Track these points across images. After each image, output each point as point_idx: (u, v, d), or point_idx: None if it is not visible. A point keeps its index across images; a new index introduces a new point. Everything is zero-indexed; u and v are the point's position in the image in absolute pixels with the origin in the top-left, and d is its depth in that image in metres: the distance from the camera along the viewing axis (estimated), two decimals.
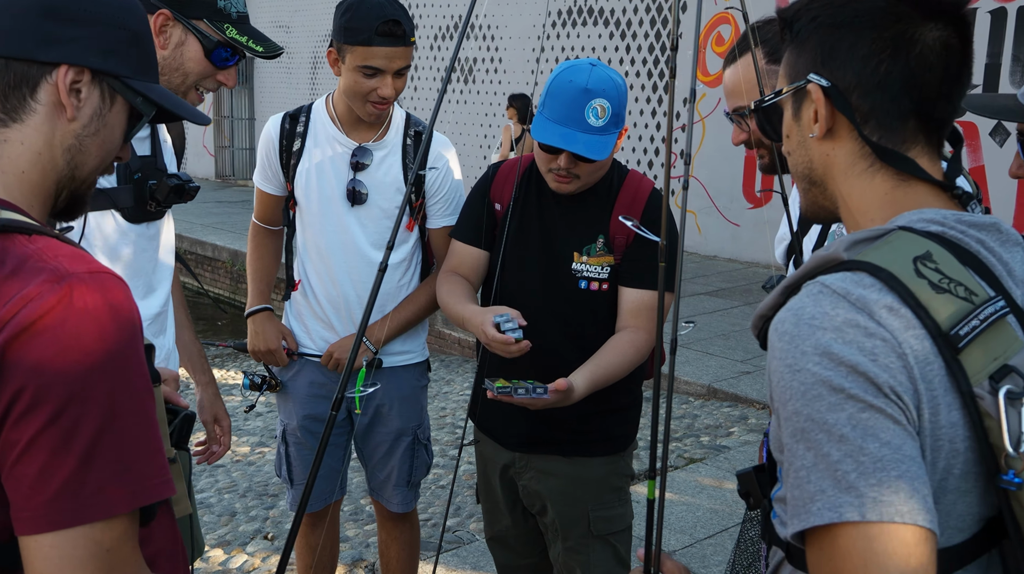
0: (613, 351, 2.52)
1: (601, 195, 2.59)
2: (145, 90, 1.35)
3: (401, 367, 2.98)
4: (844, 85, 1.20)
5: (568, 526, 2.68)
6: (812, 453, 1.04)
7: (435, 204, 2.87)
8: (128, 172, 2.24)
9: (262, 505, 5.10)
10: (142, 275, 2.32)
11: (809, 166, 1.28)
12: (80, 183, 1.33)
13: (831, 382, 1.04)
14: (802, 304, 1.11)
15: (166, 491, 1.22)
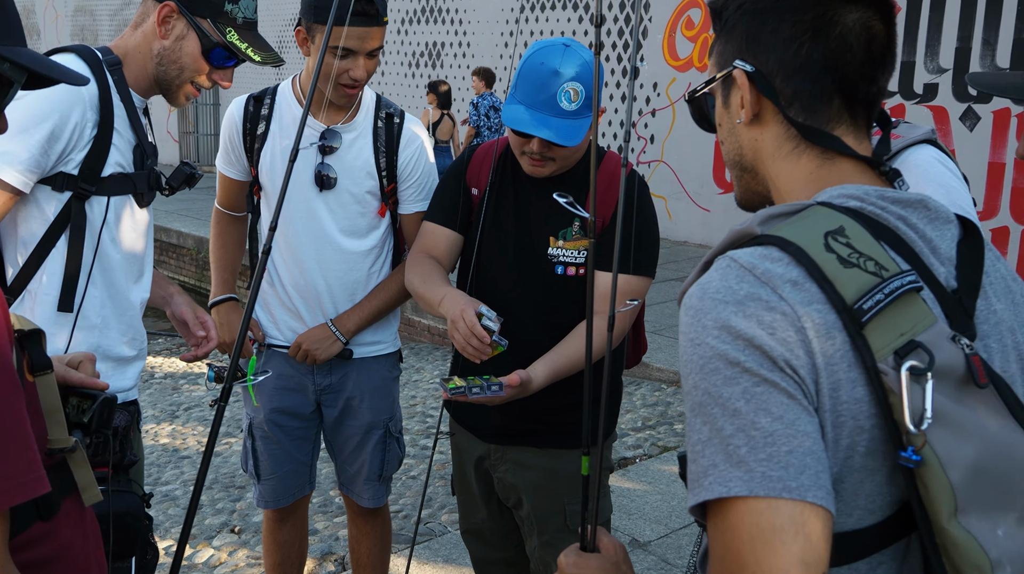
0: (576, 338, 2.44)
1: (577, 177, 2.50)
2: (11, 55, 1.27)
3: (372, 358, 2.89)
4: (768, 69, 1.20)
5: (544, 520, 2.61)
6: (708, 427, 1.02)
7: (407, 188, 2.78)
8: (144, 159, 2.26)
9: (228, 497, 4.99)
10: (139, 260, 2.36)
11: (739, 152, 1.27)
12: None
13: (727, 355, 1.03)
14: (710, 279, 1.10)
15: (35, 489, 1.15)
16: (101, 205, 2.21)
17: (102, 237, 2.22)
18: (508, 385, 2.26)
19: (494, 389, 2.26)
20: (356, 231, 2.76)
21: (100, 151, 2.17)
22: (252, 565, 4.11)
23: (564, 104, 2.29)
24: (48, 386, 1.38)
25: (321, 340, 2.77)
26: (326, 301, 2.80)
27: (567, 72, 2.29)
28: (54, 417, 1.39)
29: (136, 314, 2.38)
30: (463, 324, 2.27)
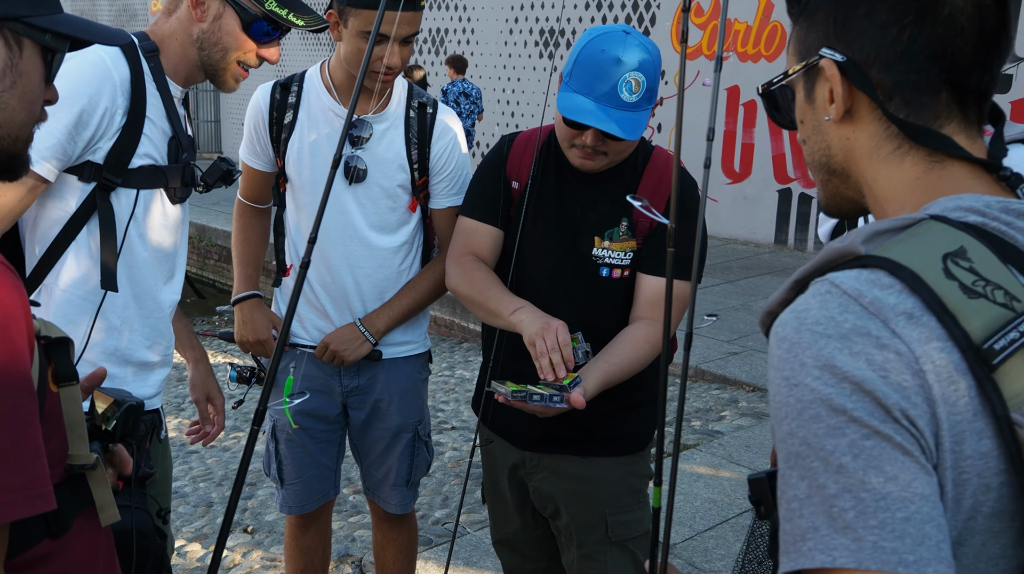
0: (627, 346, 2.32)
1: (625, 174, 2.37)
2: (51, 24, 1.21)
3: (402, 359, 2.77)
4: (861, 58, 1.06)
5: (584, 531, 2.49)
6: (806, 483, 0.90)
7: (440, 182, 2.65)
8: (178, 151, 2.14)
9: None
10: (169, 259, 2.23)
11: (827, 153, 1.13)
12: (10, 140, 1.21)
13: (832, 401, 0.89)
14: (807, 306, 0.95)
15: (38, 506, 1.07)
16: (129, 198, 2.08)
17: (129, 232, 2.08)
18: (571, 402, 2.14)
19: (555, 400, 2.13)
20: (386, 226, 2.63)
21: (129, 140, 2.04)
22: (268, 567, 3.99)
23: (625, 95, 2.16)
24: (72, 398, 1.29)
25: (350, 341, 2.65)
26: (354, 299, 2.67)
27: (630, 61, 2.16)
28: (76, 431, 1.30)
29: (164, 317, 2.25)
30: (553, 338, 2.15)
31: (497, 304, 2.33)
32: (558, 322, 2.20)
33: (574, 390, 2.15)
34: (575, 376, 2.18)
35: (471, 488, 4.83)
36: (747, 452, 5.09)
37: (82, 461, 1.29)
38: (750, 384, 6.21)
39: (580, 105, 2.17)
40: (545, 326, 2.18)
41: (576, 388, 2.16)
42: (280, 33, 2.16)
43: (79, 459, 1.29)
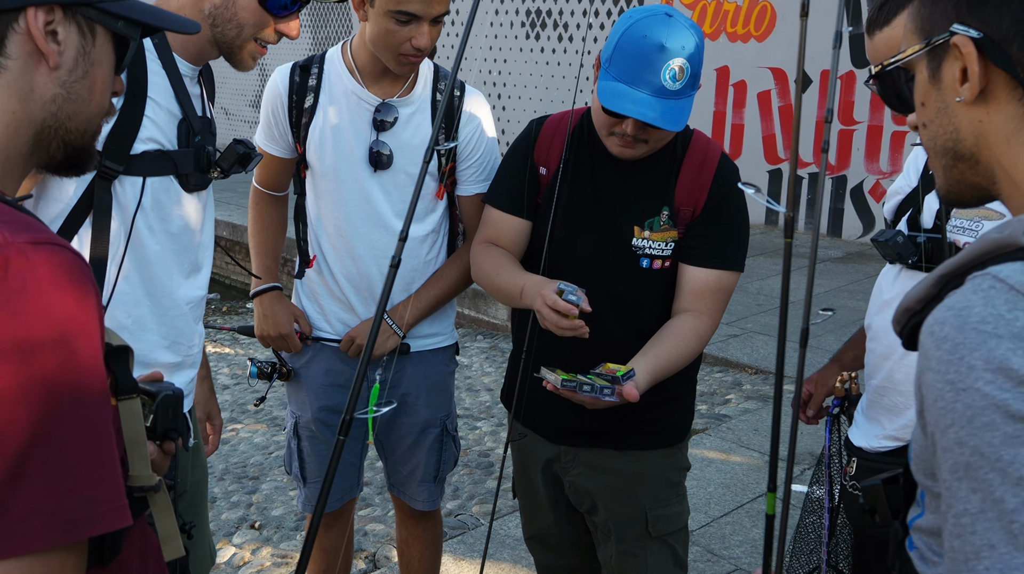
0: (675, 340, 2.24)
1: (665, 160, 2.29)
2: (123, 10, 1.15)
3: (429, 351, 2.68)
4: (999, 35, 0.99)
5: (623, 527, 2.41)
6: (979, 496, 0.83)
7: (467, 168, 2.55)
8: (190, 134, 1.97)
9: (243, 489, 4.77)
10: (190, 251, 2.07)
11: (955, 137, 1.05)
12: (78, 134, 1.16)
13: (1008, 407, 0.83)
14: (968, 302, 0.88)
15: (116, 521, 1.00)
16: (135, 187, 1.91)
17: (136, 224, 1.92)
18: (623, 395, 2.05)
19: (606, 393, 2.04)
20: (414, 215, 2.53)
21: (129, 123, 1.88)
22: (279, 564, 3.90)
23: (668, 83, 2.07)
24: (133, 413, 1.19)
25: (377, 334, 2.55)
26: (380, 291, 2.57)
27: (673, 47, 2.06)
28: (137, 450, 1.20)
29: (183, 314, 2.08)
30: (541, 304, 2.07)
31: (508, 284, 2.25)
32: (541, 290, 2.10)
33: (627, 383, 2.07)
34: (629, 368, 2.10)
35: (480, 478, 4.77)
36: (756, 435, 5.03)
37: (143, 482, 1.19)
38: (752, 366, 6.16)
39: (621, 93, 2.08)
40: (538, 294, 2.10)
41: (629, 381, 2.08)
42: (299, 5, 2.00)
43: (140, 480, 1.19)
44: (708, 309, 2.28)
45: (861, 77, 9.20)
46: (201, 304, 2.14)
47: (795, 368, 6.00)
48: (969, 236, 1.91)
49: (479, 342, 7.42)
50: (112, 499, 0.99)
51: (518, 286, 2.20)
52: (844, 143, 9.49)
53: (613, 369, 2.09)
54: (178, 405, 1.34)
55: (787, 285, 1.53)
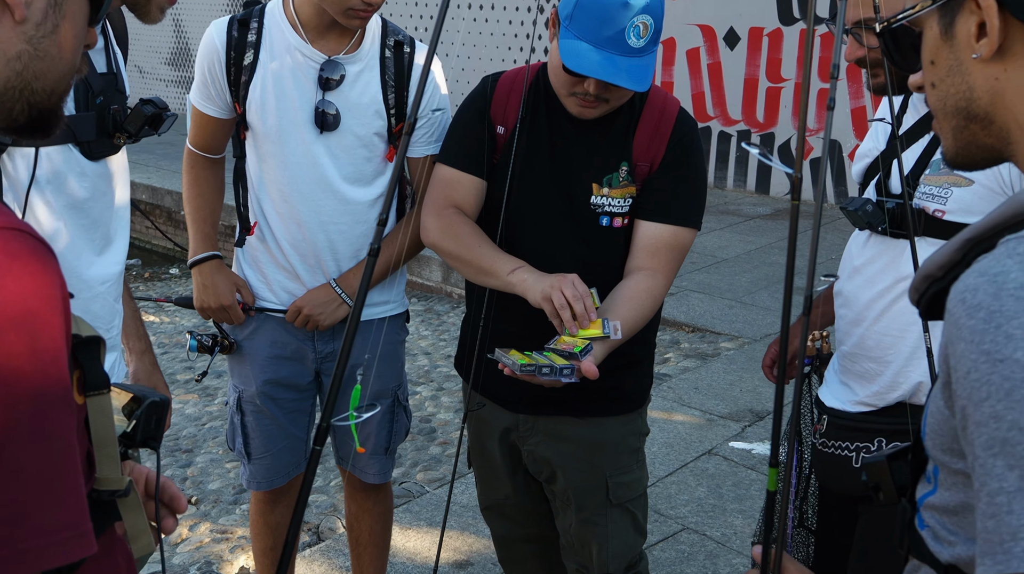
0: (630, 303, 2.17)
1: (623, 114, 2.21)
2: None
3: (379, 320, 2.57)
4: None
5: (583, 495, 2.37)
6: (1017, 473, 0.78)
7: (418, 129, 2.44)
8: (88, 95, 1.77)
9: (176, 463, 4.62)
10: (100, 225, 1.88)
11: (968, 96, 0.99)
12: (45, 95, 1.04)
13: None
14: (1003, 267, 0.84)
15: (78, 550, 0.90)
16: (26, 159, 1.72)
17: (31, 201, 1.72)
18: (583, 373, 1.99)
19: (566, 374, 1.97)
20: (361, 178, 2.42)
21: None
22: (218, 540, 3.78)
23: (632, 40, 1.99)
24: (102, 411, 1.09)
25: (325, 303, 2.44)
26: (327, 259, 2.46)
27: (636, 3, 1.97)
28: (106, 450, 1.09)
29: (98, 295, 1.90)
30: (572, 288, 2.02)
31: (492, 263, 2.16)
32: (572, 275, 2.05)
33: (585, 358, 2.00)
34: (586, 342, 2.03)
35: (422, 444, 4.69)
36: (696, 394, 5.05)
37: (112, 486, 1.09)
38: (689, 325, 6.18)
39: (584, 53, 1.99)
40: (560, 278, 2.04)
41: (587, 356, 2.01)
42: None
43: (109, 483, 1.09)
44: (662, 267, 2.22)
45: (788, 34, 9.24)
46: (118, 281, 1.95)
47: (735, 326, 5.99)
48: (938, 203, 1.87)
49: (414, 305, 7.32)
50: (73, 525, 0.89)
51: (507, 268, 2.13)
52: (772, 101, 9.54)
53: (569, 343, 2.01)
54: (163, 414, 1.25)
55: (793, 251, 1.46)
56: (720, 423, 4.69)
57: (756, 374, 5.25)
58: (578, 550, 2.42)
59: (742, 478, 4.14)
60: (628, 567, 2.41)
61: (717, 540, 3.66)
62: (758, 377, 5.21)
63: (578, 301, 1.99)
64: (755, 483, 4.08)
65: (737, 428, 4.62)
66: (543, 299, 2.02)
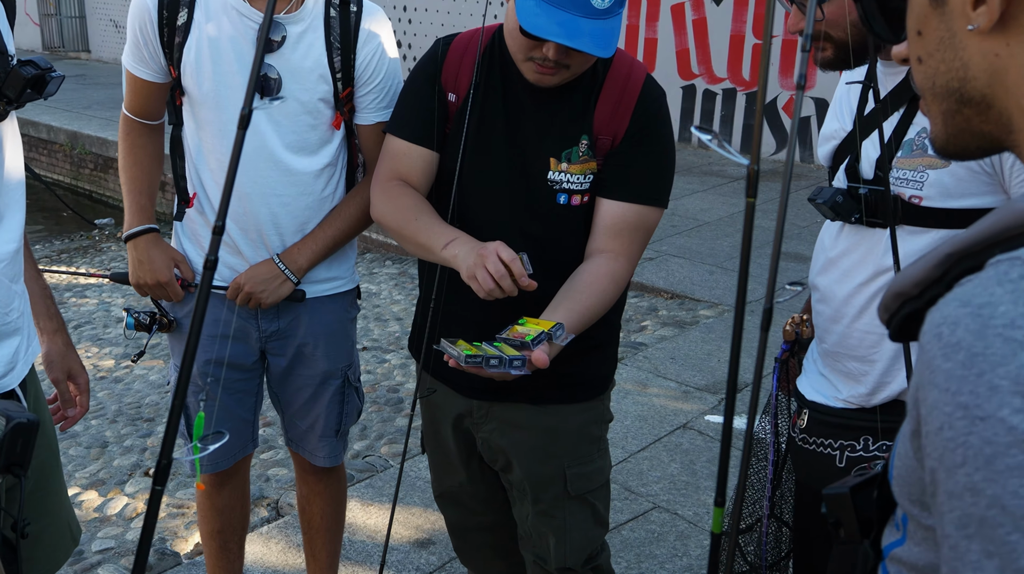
0: (590, 289, 2.02)
1: (584, 83, 2.05)
2: None
3: (327, 298, 2.43)
4: None
5: (540, 487, 2.24)
6: (996, 563, 0.63)
7: (367, 94, 2.28)
8: None
9: (137, 432, 4.49)
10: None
11: (962, 75, 0.83)
12: None
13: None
14: (991, 297, 0.68)
15: None
16: None
17: None
18: (533, 363, 1.83)
19: (516, 365, 1.82)
20: (306, 147, 2.26)
21: None
22: (175, 515, 3.66)
23: (596, 1, 1.82)
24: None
25: (267, 280, 2.30)
26: (270, 233, 2.31)
27: None
28: None
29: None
30: (495, 261, 1.83)
31: (428, 236, 2.01)
32: (495, 243, 1.88)
33: (537, 348, 1.85)
34: (539, 330, 1.88)
35: (389, 415, 4.57)
36: (673, 364, 4.94)
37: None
38: (668, 291, 6.06)
39: (544, 14, 1.82)
40: (482, 253, 1.87)
41: (540, 345, 1.86)
42: None
43: None
44: (625, 249, 2.07)
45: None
46: (14, 260, 1.74)
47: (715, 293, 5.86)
48: (913, 188, 1.72)
49: (387, 268, 7.17)
50: None
51: (442, 239, 1.97)
52: (759, 58, 9.35)
53: (522, 332, 1.87)
54: (31, 437, 1.15)
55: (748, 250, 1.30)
56: (696, 395, 4.58)
57: None
58: (535, 541, 2.30)
59: (717, 454, 4.02)
60: (588, 560, 2.29)
61: (689, 520, 3.56)
62: None
63: (505, 278, 1.83)
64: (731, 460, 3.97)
65: (714, 401, 4.51)
66: (468, 278, 1.87)
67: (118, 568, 3.23)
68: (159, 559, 3.30)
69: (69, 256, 8.01)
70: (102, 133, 10.66)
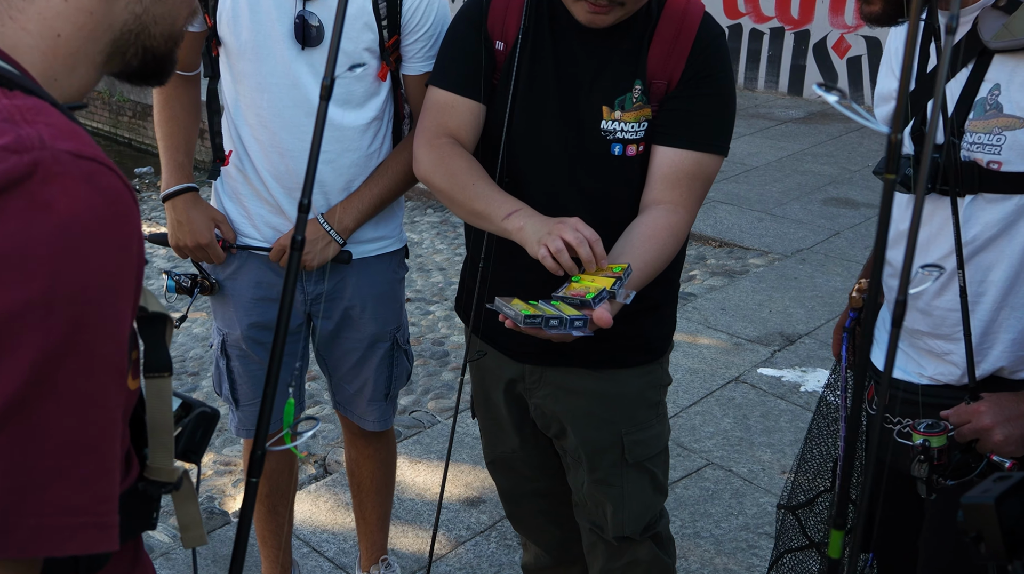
0: (650, 243, 1.88)
1: (637, 24, 1.91)
2: None
3: (374, 258, 2.34)
4: None
5: (596, 454, 2.14)
6: None
7: (414, 43, 2.16)
8: None
9: (181, 386, 4.47)
10: None
11: None
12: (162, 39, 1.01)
13: None
14: None
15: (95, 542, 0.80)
16: None
17: None
18: (595, 323, 1.69)
19: (577, 325, 1.68)
20: (351, 100, 2.15)
21: None
22: (222, 473, 3.64)
23: None
24: (161, 395, 1.02)
25: (312, 242, 2.20)
26: (315, 191, 2.20)
27: None
28: (160, 438, 1.02)
29: None
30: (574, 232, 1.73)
31: (487, 205, 1.88)
32: (573, 219, 1.77)
33: (599, 306, 1.71)
34: (600, 288, 1.74)
35: (435, 369, 4.50)
36: (723, 315, 4.81)
37: (164, 477, 1.01)
38: (716, 239, 5.91)
39: None
40: (559, 224, 1.76)
41: (602, 303, 1.73)
42: None
43: (160, 474, 1.01)
44: (684, 200, 1.93)
45: None
46: None
47: (765, 241, 5.70)
48: (991, 153, 1.57)
49: (429, 216, 7.06)
50: (94, 511, 0.79)
51: (503, 212, 1.84)
52: None
53: (580, 290, 1.73)
54: (211, 427, 1.17)
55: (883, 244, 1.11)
56: (748, 347, 4.46)
57: (787, 294, 5.00)
58: (591, 509, 2.21)
59: (771, 408, 3.92)
60: (646, 528, 2.20)
61: (744, 477, 3.46)
62: (788, 297, 4.97)
63: (582, 245, 1.71)
64: (784, 414, 3.87)
65: (766, 353, 4.39)
66: (538, 245, 1.75)
67: (166, 527, 3.20)
68: (208, 518, 3.28)
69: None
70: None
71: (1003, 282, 1.63)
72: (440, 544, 3.10)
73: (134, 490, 1.01)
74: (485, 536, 3.16)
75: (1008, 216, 1.59)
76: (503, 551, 3.09)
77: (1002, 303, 1.64)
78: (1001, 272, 1.63)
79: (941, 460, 1.59)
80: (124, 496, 0.97)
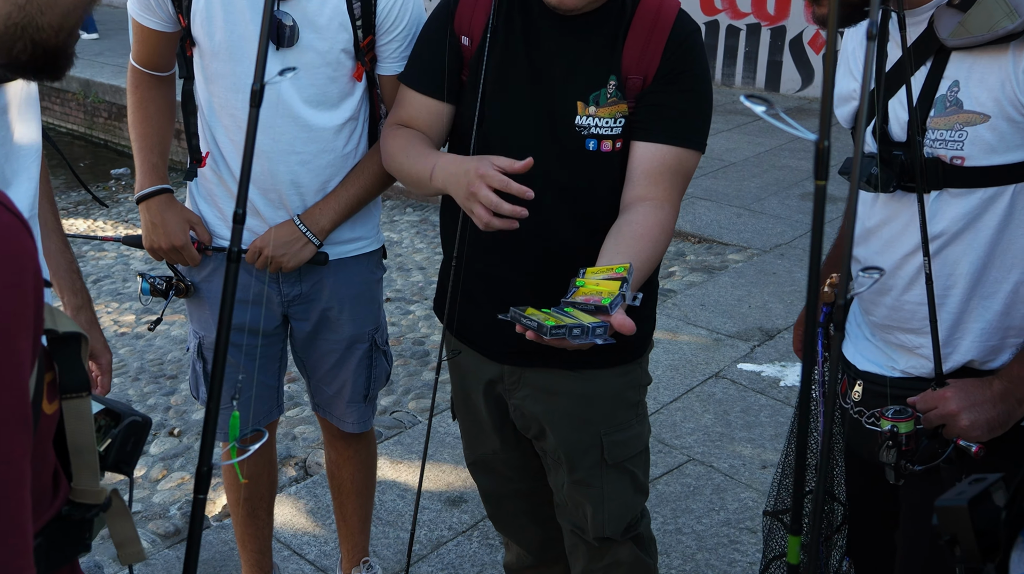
0: (644, 241, 1.85)
1: (611, 18, 1.91)
2: None
3: (351, 259, 2.32)
4: None
5: (575, 455, 2.13)
6: None
7: (389, 42, 2.14)
8: None
9: (160, 390, 4.43)
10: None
11: None
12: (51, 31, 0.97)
13: None
14: None
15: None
16: None
17: None
18: (617, 329, 1.62)
19: (599, 333, 1.60)
20: (326, 101, 2.14)
21: None
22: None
23: None
24: (80, 415, 0.99)
25: (288, 243, 2.18)
26: (290, 193, 2.19)
27: None
28: (84, 458, 1.00)
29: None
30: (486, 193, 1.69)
31: (417, 167, 1.89)
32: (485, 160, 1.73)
33: (615, 311, 1.63)
34: (613, 294, 1.66)
35: (415, 369, 4.49)
36: (703, 311, 4.82)
37: (90, 498, 0.99)
38: (695, 235, 5.92)
39: None
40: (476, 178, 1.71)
41: (617, 308, 1.65)
42: None
43: (86, 496, 0.99)
44: (668, 195, 1.91)
45: None
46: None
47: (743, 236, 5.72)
48: (953, 149, 1.58)
49: (408, 215, 7.04)
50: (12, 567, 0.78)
51: (427, 166, 1.85)
52: None
53: (592, 295, 1.67)
54: (142, 437, 1.16)
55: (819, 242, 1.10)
56: (728, 343, 4.47)
57: (765, 289, 5.02)
58: (572, 511, 2.20)
59: (751, 403, 3.93)
60: (627, 528, 2.20)
61: (725, 472, 3.47)
62: (767, 292, 4.98)
63: (500, 206, 1.67)
64: (764, 409, 3.88)
65: (746, 348, 4.40)
66: (470, 212, 1.72)
67: (144, 532, 3.17)
68: (187, 522, 3.25)
69: (86, 208, 7.92)
70: (115, 80, 10.50)
71: (971, 274, 1.66)
72: (422, 544, 3.09)
73: (59, 516, 0.98)
74: (467, 536, 3.15)
75: (973, 210, 1.62)
76: (485, 551, 3.08)
77: (971, 294, 1.67)
78: (968, 265, 1.65)
79: (909, 446, 1.60)
80: (52, 523, 0.96)
